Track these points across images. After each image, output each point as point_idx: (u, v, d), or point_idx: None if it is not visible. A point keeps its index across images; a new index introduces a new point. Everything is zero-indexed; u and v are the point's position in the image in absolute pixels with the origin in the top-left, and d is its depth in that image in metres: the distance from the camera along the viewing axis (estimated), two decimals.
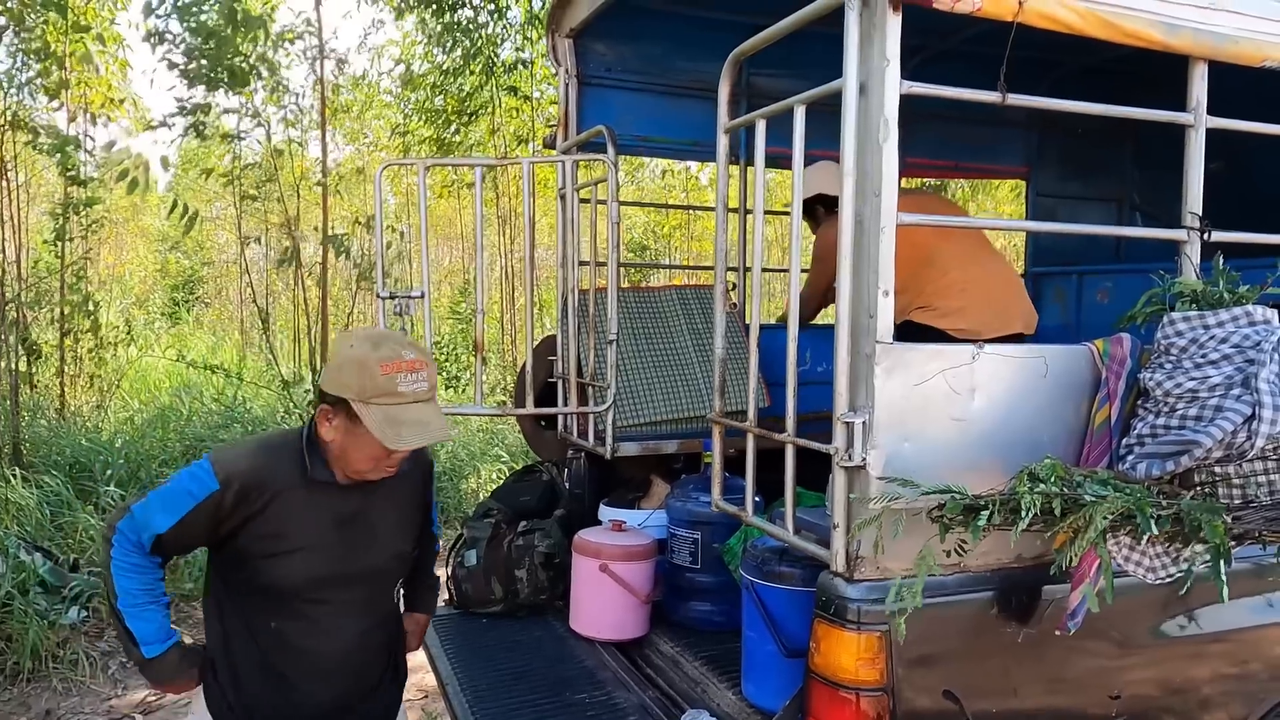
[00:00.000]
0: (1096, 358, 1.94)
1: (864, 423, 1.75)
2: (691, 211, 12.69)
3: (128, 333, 8.73)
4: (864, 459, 1.75)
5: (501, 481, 3.70)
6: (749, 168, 3.84)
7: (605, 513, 3.22)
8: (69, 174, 6.22)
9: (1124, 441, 1.88)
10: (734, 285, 3.86)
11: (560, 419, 3.38)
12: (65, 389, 7.32)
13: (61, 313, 7.08)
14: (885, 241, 1.74)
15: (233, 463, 1.77)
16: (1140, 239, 4.29)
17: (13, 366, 6.24)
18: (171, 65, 6.34)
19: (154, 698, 3.94)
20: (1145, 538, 1.62)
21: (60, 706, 3.84)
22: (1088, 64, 3.78)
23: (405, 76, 9.67)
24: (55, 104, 6.76)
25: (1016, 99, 1.83)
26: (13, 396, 6.17)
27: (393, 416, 1.70)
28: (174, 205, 6.38)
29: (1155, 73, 2.09)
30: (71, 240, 6.87)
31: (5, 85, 6.52)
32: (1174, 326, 1.83)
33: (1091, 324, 4.09)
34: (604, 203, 3.13)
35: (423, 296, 3.06)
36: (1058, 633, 1.81)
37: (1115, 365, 1.92)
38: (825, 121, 2.26)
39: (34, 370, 6.82)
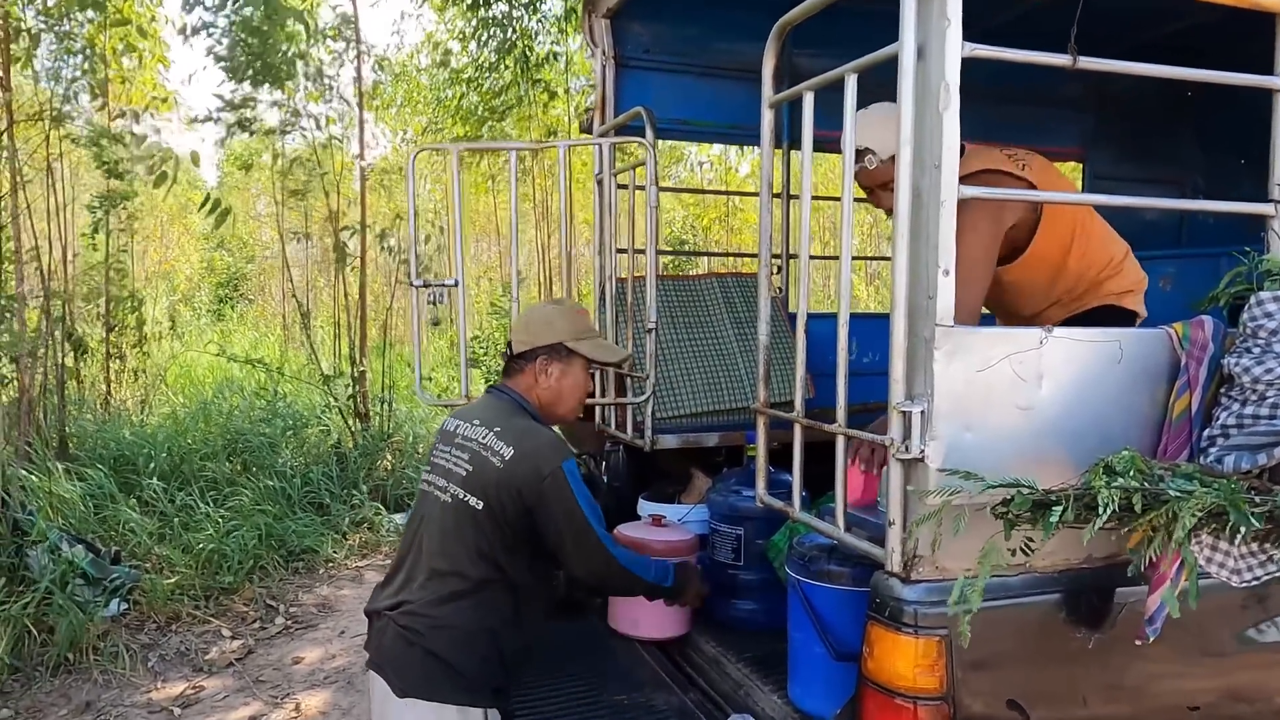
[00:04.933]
0: (1175, 342, 1.80)
1: (922, 412, 1.63)
2: (730, 204, 12.52)
3: (171, 327, 8.83)
4: (923, 450, 1.63)
5: None
6: (793, 151, 3.72)
7: (644, 507, 3.12)
8: (104, 166, 6.28)
9: (1205, 433, 1.74)
10: (778, 269, 3.74)
11: (598, 410, 3.29)
12: (110, 384, 7.42)
13: (106, 308, 7.16)
14: (945, 217, 1.62)
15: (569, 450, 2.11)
16: (1207, 222, 4.10)
17: (59, 361, 6.32)
18: (218, 59, 6.36)
19: (192, 691, 3.94)
20: (1238, 537, 1.47)
21: (100, 699, 3.85)
22: (1143, 40, 3.60)
23: (443, 60, 9.64)
24: (99, 102, 6.83)
25: (1088, 62, 1.70)
26: (59, 391, 6.25)
27: (597, 344, 2.23)
28: (205, 199, 6.43)
29: (1211, 48, 1.93)
30: (111, 234, 6.94)
31: (50, 81, 6.61)
32: (1262, 307, 1.69)
33: (1154, 311, 3.88)
34: (642, 188, 3.03)
35: (457, 284, 2.99)
36: (1138, 642, 1.67)
37: (1196, 350, 1.77)
38: (875, 97, 2.14)
39: (80, 365, 6.91)
